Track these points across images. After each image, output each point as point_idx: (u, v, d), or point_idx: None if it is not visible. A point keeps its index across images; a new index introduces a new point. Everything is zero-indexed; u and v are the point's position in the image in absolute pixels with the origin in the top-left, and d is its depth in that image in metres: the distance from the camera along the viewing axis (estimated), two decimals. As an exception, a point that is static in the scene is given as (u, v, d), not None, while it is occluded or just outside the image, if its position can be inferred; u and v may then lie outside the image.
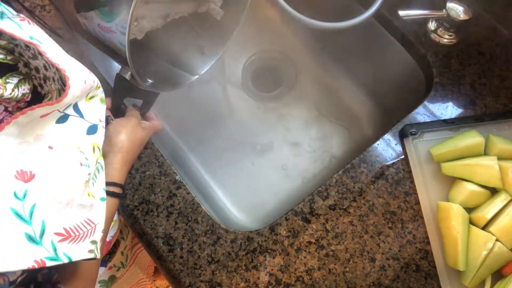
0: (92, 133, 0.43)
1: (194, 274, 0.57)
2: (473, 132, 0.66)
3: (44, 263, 0.31)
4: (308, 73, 0.97)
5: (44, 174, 0.34)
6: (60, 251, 0.33)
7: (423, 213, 0.62)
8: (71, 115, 0.40)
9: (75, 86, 0.36)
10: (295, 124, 0.91)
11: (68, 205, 0.36)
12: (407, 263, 0.60)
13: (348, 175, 0.65)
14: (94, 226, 0.39)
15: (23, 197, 0.31)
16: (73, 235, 0.35)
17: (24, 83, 0.36)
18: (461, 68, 0.75)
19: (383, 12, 0.79)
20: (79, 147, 0.40)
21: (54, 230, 0.33)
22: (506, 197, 0.61)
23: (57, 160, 0.36)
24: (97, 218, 0.40)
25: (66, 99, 0.35)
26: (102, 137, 0.46)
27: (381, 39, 0.83)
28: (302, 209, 0.62)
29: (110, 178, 0.51)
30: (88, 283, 0.44)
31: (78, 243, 0.36)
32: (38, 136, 0.35)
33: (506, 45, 0.77)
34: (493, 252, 0.57)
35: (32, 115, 0.33)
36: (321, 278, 0.58)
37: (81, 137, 0.41)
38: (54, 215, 0.34)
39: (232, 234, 0.59)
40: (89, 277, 0.45)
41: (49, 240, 0.32)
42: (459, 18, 0.73)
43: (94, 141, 0.44)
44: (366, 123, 0.93)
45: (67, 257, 0.34)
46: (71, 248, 0.35)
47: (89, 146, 0.42)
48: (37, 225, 0.32)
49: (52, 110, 0.36)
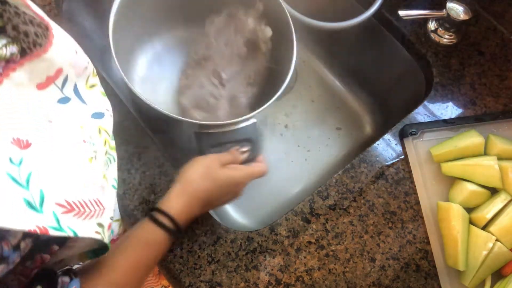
0: (97, 117, 0.43)
1: (194, 274, 0.57)
2: (473, 132, 0.66)
3: (47, 231, 0.30)
4: (308, 73, 0.97)
5: (41, 144, 0.33)
6: (64, 223, 0.32)
7: (423, 213, 0.62)
8: (72, 98, 0.41)
9: (61, 41, 0.36)
10: (295, 124, 0.91)
11: (69, 179, 0.35)
12: (407, 263, 0.60)
13: (348, 175, 0.65)
14: (102, 209, 0.38)
15: (19, 163, 0.31)
16: (76, 209, 0.34)
17: (12, 44, 0.36)
18: (461, 68, 0.75)
19: (383, 12, 0.79)
20: (82, 127, 0.40)
21: (55, 201, 0.32)
22: (506, 197, 0.61)
23: (56, 134, 0.35)
24: (106, 202, 0.39)
25: (52, 50, 0.34)
26: (111, 124, 0.45)
27: (381, 39, 0.83)
28: (302, 209, 0.62)
29: (161, 205, 0.49)
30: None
31: (84, 219, 0.35)
32: (36, 107, 0.35)
33: (506, 45, 0.77)
34: (493, 252, 0.57)
35: (25, 73, 0.33)
36: (321, 278, 0.58)
37: (85, 119, 0.41)
38: (54, 186, 0.33)
39: (232, 234, 0.59)
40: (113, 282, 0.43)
41: (51, 210, 0.32)
42: (459, 18, 0.73)
43: (100, 124, 0.43)
44: (366, 123, 0.93)
45: (72, 231, 0.33)
46: (76, 222, 0.34)
47: (94, 128, 0.42)
48: (36, 193, 0.31)
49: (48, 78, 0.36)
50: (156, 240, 0.47)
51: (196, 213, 0.51)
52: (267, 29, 0.66)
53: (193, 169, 0.52)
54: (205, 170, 0.51)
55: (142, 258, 0.46)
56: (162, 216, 0.48)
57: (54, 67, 0.37)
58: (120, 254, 0.45)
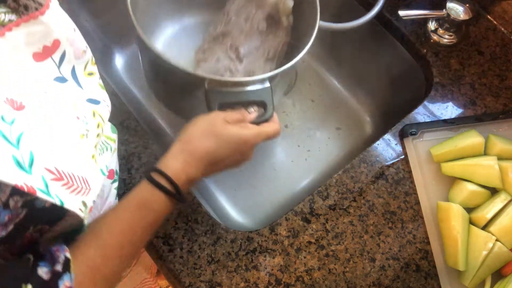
0: (93, 103, 0.43)
1: (194, 274, 0.57)
2: (473, 132, 0.66)
3: (35, 191, 0.30)
4: (308, 73, 0.97)
5: (35, 110, 0.33)
6: (52, 190, 0.32)
7: (423, 213, 0.62)
8: (69, 80, 0.41)
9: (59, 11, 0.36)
10: (295, 124, 0.91)
11: (60, 149, 0.35)
12: (407, 263, 0.60)
13: (348, 175, 0.65)
14: (88, 188, 0.37)
15: (11, 122, 0.30)
16: (65, 180, 0.34)
17: (11, 13, 0.36)
18: (461, 68, 0.75)
19: (383, 12, 0.79)
20: (75, 105, 0.39)
21: (44, 166, 0.32)
22: (506, 197, 0.61)
23: (50, 104, 0.35)
24: (93, 183, 0.38)
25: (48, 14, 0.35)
26: (106, 113, 0.44)
27: (381, 39, 0.83)
28: (302, 209, 0.62)
29: (159, 165, 0.45)
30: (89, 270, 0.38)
31: (71, 192, 0.35)
32: (32, 77, 0.35)
33: (506, 45, 0.77)
34: (493, 252, 0.57)
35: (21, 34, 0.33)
36: (321, 278, 0.58)
37: (79, 101, 0.40)
38: (44, 152, 0.33)
39: (232, 234, 0.59)
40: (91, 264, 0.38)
41: (40, 174, 0.31)
42: (459, 18, 0.73)
43: (95, 108, 0.42)
44: (366, 123, 0.93)
45: (59, 200, 0.33)
46: (64, 193, 0.33)
47: (88, 109, 0.41)
48: (26, 153, 0.30)
49: (45, 49, 0.36)
50: (153, 202, 0.43)
51: (198, 174, 0.46)
52: (289, 1, 0.63)
53: (195, 126, 0.47)
54: (208, 127, 0.46)
55: (138, 221, 0.42)
56: (159, 176, 0.43)
57: (51, 35, 0.37)
58: (115, 216, 0.42)
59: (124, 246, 0.41)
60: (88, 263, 0.38)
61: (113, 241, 0.40)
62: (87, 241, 0.40)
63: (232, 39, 0.65)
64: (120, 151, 0.64)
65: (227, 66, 0.64)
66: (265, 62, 0.65)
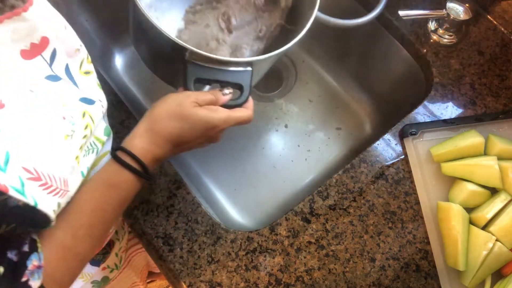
0: (86, 102, 0.42)
1: (194, 274, 0.57)
2: (473, 132, 0.66)
3: (7, 189, 0.30)
4: (308, 73, 0.97)
5: (17, 109, 0.33)
6: (28, 190, 0.32)
7: (423, 213, 0.62)
8: (63, 78, 0.40)
9: (44, 7, 0.36)
10: (295, 124, 0.91)
11: (41, 149, 0.34)
12: (407, 263, 0.60)
13: (348, 175, 0.65)
14: (66, 191, 0.37)
15: None
16: (44, 180, 0.34)
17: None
18: (461, 68, 0.75)
19: (383, 12, 0.79)
20: (65, 105, 0.39)
21: (22, 165, 0.32)
22: (506, 197, 0.61)
23: (35, 103, 0.35)
24: (71, 185, 0.38)
25: (32, 11, 0.34)
26: (100, 113, 0.44)
27: (381, 39, 0.83)
28: (302, 209, 0.62)
29: (125, 144, 0.44)
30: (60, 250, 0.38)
31: (49, 193, 0.34)
32: (19, 75, 0.35)
33: (506, 45, 0.77)
34: (493, 252, 0.57)
35: (5, 30, 0.33)
36: (321, 278, 0.58)
37: (70, 100, 0.40)
38: (23, 151, 0.32)
39: (232, 234, 0.59)
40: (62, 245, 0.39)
41: (16, 173, 0.31)
42: (459, 18, 0.73)
43: (86, 109, 0.42)
44: (366, 123, 0.93)
45: (34, 200, 0.32)
46: (41, 194, 0.33)
47: (78, 110, 0.41)
48: (1, 152, 0.30)
49: (33, 47, 0.36)
50: (120, 180, 0.43)
51: (165, 154, 0.46)
52: None
53: (163, 105, 0.46)
54: (176, 108, 0.45)
55: (108, 200, 0.42)
56: (125, 155, 0.43)
57: (37, 32, 0.36)
58: (84, 196, 0.42)
59: (94, 225, 0.41)
60: (57, 243, 0.38)
61: (83, 220, 0.40)
62: (56, 222, 0.39)
63: (227, 7, 0.61)
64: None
65: (215, 35, 0.61)
66: (254, 40, 0.62)
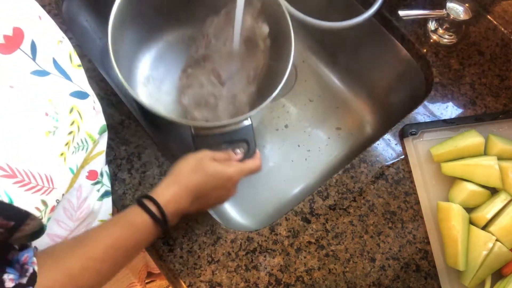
0: (77, 97, 0.42)
1: (194, 274, 0.57)
2: (473, 132, 0.66)
3: None
4: (308, 73, 0.97)
5: None
6: (1, 187, 0.31)
7: (423, 213, 0.62)
8: (52, 73, 0.40)
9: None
10: (295, 124, 0.91)
11: (18, 146, 0.34)
12: (407, 263, 0.60)
13: (348, 175, 0.65)
14: (51, 187, 0.37)
15: None
16: (20, 177, 0.33)
17: None
18: (461, 68, 0.75)
19: (383, 12, 0.79)
20: (50, 100, 0.39)
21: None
22: (506, 197, 0.61)
23: (13, 99, 0.35)
24: (58, 182, 0.38)
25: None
26: (90, 109, 0.44)
27: (381, 39, 0.83)
28: (302, 209, 0.62)
29: (150, 193, 0.48)
30: (65, 277, 0.39)
31: (27, 190, 0.34)
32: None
33: (506, 45, 0.77)
34: (493, 252, 0.57)
35: None
36: (321, 278, 0.58)
37: (59, 94, 0.40)
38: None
39: (232, 234, 0.59)
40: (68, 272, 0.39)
41: None
42: (459, 18, 0.73)
43: (75, 104, 0.42)
44: (366, 123, 0.93)
45: (8, 197, 0.32)
46: (17, 191, 0.33)
47: (65, 105, 0.40)
48: None
49: (8, 40, 0.35)
50: (140, 223, 0.46)
51: (186, 206, 0.49)
52: (264, 26, 0.66)
53: (185, 162, 0.51)
54: (197, 163, 0.51)
55: (124, 238, 0.44)
56: (149, 202, 0.47)
57: (7, 23, 0.36)
58: (103, 230, 0.44)
59: (104, 260, 0.42)
60: (65, 271, 0.39)
61: (96, 253, 0.42)
62: (72, 247, 0.40)
63: (213, 63, 0.68)
64: (120, 151, 0.64)
65: (210, 92, 0.68)
66: (247, 85, 0.68)
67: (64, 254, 0.39)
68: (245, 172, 0.54)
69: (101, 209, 0.56)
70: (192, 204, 0.50)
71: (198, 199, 0.51)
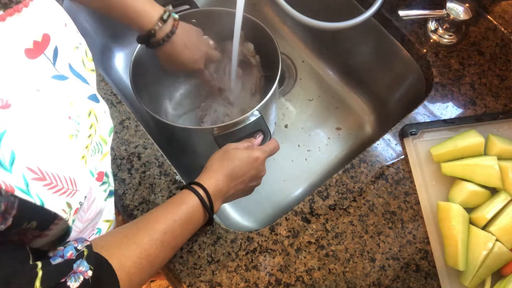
0: (94, 100, 0.43)
1: (194, 274, 0.57)
2: (473, 132, 0.65)
3: (13, 189, 0.30)
4: (308, 73, 0.97)
5: (22, 109, 0.33)
6: (33, 189, 0.32)
7: (423, 213, 0.62)
8: (70, 77, 0.40)
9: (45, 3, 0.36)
10: (295, 124, 0.92)
11: (46, 149, 0.35)
12: (407, 263, 0.60)
13: (348, 175, 0.65)
14: (75, 189, 0.38)
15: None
16: (48, 180, 0.34)
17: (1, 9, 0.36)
18: (461, 68, 0.75)
19: (383, 12, 0.79)
20: (72, 103, 0.39)
21: (26, 165, 0.32)
22: (506, 197, 0.61)
23: (41, 103, 0.35)
24: (81, 185, 0.39)
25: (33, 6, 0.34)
26: (103, 112, 0.45)
27: (381, 39, 0.83)
28: (302, 209, 0.62)
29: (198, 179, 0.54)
30: (142, 256, 0.45)
31: (54, 193, 0.35)
32: (25, 75, 0.35)
33: (506, 45, 0.77)
34: (493, 252, 0.57)
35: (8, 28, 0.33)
36: (321, 278, 0.58)
37: (78, 97, 0.41)
38: (27, 151, 0.33)
39: (232, 234, 0.59)
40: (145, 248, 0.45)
41: (21, 173, 0.31)
42: (459, 18, 0.73)
43: (92, 107, 0.43)
44: (366, 123, 0.93)
45: (40, 199, 0.32)
46: (46, 193, 0.34)
47: (84, 108, 0.41)
48: (7, 152, 0.30)
49: (36, 45, 0.36)
50: (191, 202, 0.51)
51: (225, 189, 0.55)
52: (249, 44, 0.78)
53: (213, 157, 0.58)
54: (223, 154, 0.57)
55: (180, 213, 0.50)
56: (195, 185, 0.53)
57: (39, 29, 0.36)
58: (160, 209, 0.50)
59: (167, 232, 0.48)
60: (137, 243, 0.45)
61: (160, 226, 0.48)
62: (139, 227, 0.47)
63: (220, 91, 0.83)
64: (120, 151, 0.64)
65: (224, 112, 0.82)
66: (251, 98, 0.82)
67: (136, 231, 0.46)
68: (268, 151, 0.61)
69: (105, 208, 0.56)
70: (230, 187, 0.56)
71: (234, 182, 0.56)
